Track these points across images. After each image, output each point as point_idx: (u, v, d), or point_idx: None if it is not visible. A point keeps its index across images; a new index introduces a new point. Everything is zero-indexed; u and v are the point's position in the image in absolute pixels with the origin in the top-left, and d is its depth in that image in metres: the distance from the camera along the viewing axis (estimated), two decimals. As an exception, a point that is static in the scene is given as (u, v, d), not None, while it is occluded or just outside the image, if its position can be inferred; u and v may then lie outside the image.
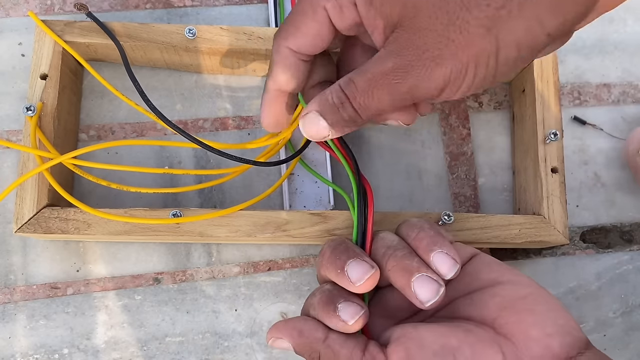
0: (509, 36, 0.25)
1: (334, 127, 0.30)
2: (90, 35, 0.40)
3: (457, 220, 0.39)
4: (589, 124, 0.46)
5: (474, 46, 0.26)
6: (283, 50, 0.30)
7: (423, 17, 0.26)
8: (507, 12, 0.25)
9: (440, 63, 0.26)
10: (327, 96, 0.29)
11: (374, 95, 0.28)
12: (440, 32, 0.26)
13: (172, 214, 0.37)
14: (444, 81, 0.27)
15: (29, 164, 0.38)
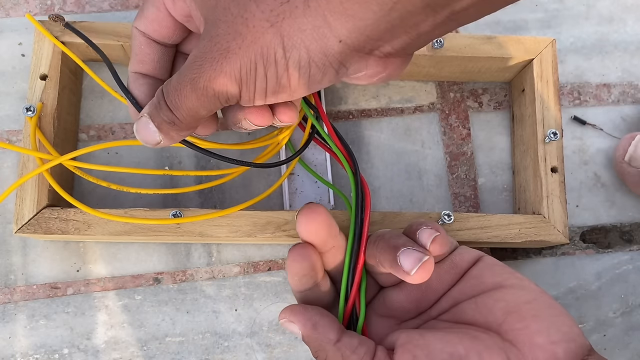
0: (295, 35, 0.25)
1: (161, 131, 0.29)
2: (89, 35, 0.39)
3: (457, 220, 0.39)
4: (589, 124, 0.46)
5: (258, 41, 0.25)
6: (134, 32, 0.32)
7: (219, 8, 0.26)
8: (291, 8, 0.24)
9: (228, 57, 0.26)
10: (154, 98, 0.29)
11: (182, 92, 0.27)
12: (230, 23, 0.25)
13: (172, 214, 0.37)
14: (236, 78, 0.26)
15: (28, 165, 0.38)
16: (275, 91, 0.27)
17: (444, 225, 0.38)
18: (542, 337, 0.28)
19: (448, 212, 0.38)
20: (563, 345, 0.28)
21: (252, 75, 0.26)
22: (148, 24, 0.31)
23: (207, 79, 0.26)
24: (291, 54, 0.25)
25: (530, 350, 0.28)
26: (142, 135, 0.29)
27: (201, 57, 0.26)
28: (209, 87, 0.26)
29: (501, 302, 0.30)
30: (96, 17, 0.45)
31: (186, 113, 0.28)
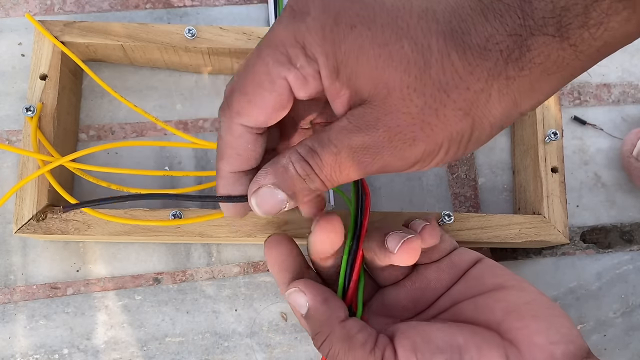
0: (485, 118, 0.25)
1: (294, 198, 0.27)
2: (89, 35, 0.40)
3: (457, 220, 0.39)
4: (589, 124, 0.46)
5: (449, 129, 0.25)
6: (237, 129, 0.27)
7: (396, 99, 0.24)
8: (486, 97, 0.24)
9: (413, 144, 0.25)
10: (286, 167, 0.27)
11: (342, 170, 0.26)
12: (414, 115, 0.24)
13: (172, 214, 0.37)
14: (415, 160, 0.26)
15: (28, 165, 0.38)
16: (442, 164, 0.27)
17: (444, 225, 0.38)
18: (541, 337, 0.28)
19: (448, 212, 0.38)
20: (561, 347, 0.28)
21: (432, 156, 0.26)
22: (263, 116, 0.26)
23: (381, 165, 0.26)
24: (476, 134, 0.25)
25: (529, 349, 0.28)
26: (265, 206, 0.27)
27: (378, 146, 0.25)
28: (381, 169, 0.26)
29: (501, 303, 0.30)
30: (96, 17, 0.45)
31: (338, 184, 0.27)
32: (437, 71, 0.24)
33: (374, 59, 0.24)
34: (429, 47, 0.24)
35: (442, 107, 0.24)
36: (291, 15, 0.25)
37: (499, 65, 0.24)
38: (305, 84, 0.25)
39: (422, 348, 0.28)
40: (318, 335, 0.29)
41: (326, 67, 0.25)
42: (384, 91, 0.24)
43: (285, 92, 0.26)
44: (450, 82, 0.24)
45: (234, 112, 0.27)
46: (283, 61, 0.25)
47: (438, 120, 0.24)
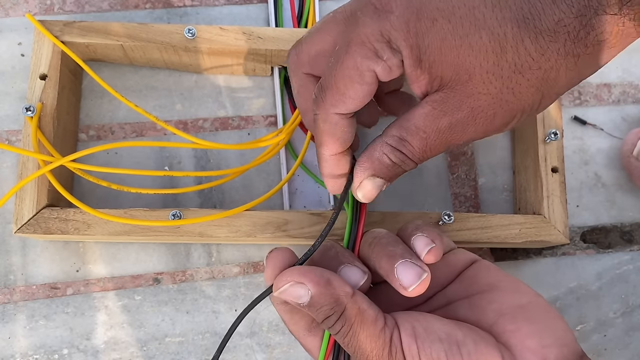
0: (552, 90, 0.28)
1: (391, 180, 0.32)
2: (89, 35, 0.40)
3: (457, 220, 0.39)
4: (589, 124, 0.46)
5: (523, 103, 0.28)
6: (332, 118, 0.30)
7: (477, 82, 0.27)
8: (555, 73, 0.27)
9: (494, 120, 0.28)
10: (381, 159, 0.30)
11: (432, 150, 0.29)
12: (494, 95, 0.27)
13: (172, 214, 0.37)
14: (494, 130, 0.29)
15: (28, 165, 0.37)
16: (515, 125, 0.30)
17: (444, 225, 0.38)
18: (534, 340, 0.28)
19: (448, 212, 0.38)
20: (554, 350, 0.28)
21: (506, 125, 0.29)
22: (356, 104, 0.30)
23: (467, 140, 0.29)
24: (544, 102, 0.29)
25: (522, 353, 0.28)
26: (371, 195, 0.32)
27: (463, 125, 0.28)
28: (466, 144, 0.30)
29: (494, 304, 0.30)
30: (96, 17, 0.45)
31: (426, 160, 0.31)
32: (513, 56, 0.26)
33: (455, 49, 0.27)
34: (505, 35, 0.26)
35: (518, 86, 0.27)
36: (375, 13, 0.28)
37: (567, 46, 0.26)
38: (390, 73, 0.28)
39: (422, 335, 0.28)
40: (330, 317, 0.28)
41: (410, 57, 0.28)
42: (465, 76, 0.27)
43: (374, 82, 0.29)
44: (524, 65, 0.27)
45: (328, 104, 0.30)
46: (370, 56, 0.28)
47: (514, 97, 0.27)
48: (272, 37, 0.41)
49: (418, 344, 0.27)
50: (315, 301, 0.28)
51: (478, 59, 0.27)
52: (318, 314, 0.29)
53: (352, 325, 0.28)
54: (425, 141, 0.29)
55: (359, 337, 0.28)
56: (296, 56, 0.33)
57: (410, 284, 0.29)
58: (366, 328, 0.28)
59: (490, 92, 0.27)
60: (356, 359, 0.29)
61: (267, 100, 0.44)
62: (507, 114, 0.28)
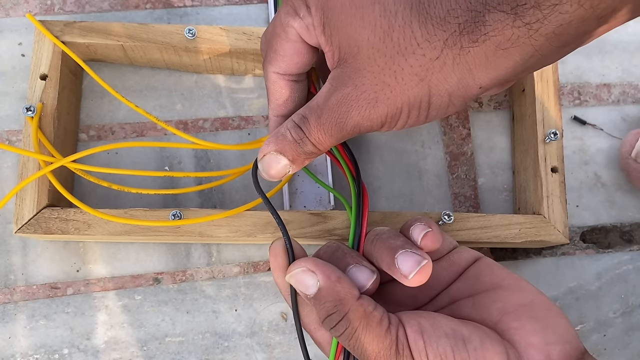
0: (441, 85, 0.27)
1: (294, 163, 0.31)
2: (89, 35, 0.40)
3: (457, 220, 0.39)
4: (589, 124, 0.46)
5: (407, 93, 0.27)
6: (271, 76, 0.32)
7: (363, 57, 0.27)
8: (440, 64, 0.26)
9: (376, 106, 0.28)
10: (284, 134, 0.30)
11: (326, 131, 0.29)
12: (376, 74, 0.27)
13: (172, 214, 0.37)
14: (382, 121, 0.29)
15: (29, 165, 0.38)
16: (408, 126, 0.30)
17: (444, 225, 0.38)
18: (538, 337, 0.28)
19: (448, 212, 0.38)
20: (558, 347, 0.28)
21: (395, 118, 0.29)
22: (289, 62, 0.31)
23: (354, 123, 0.29)
24: (435, 101, 0.28)
25: (526, 349, 0.28)
26: (270, 170, 0.31)
27: (347, 104, 0.28)
28: (354, 128, 0.29)
29: (498, 303, 0.30)
30: (96, 17, 0.45)
31: (329, 145, 0.30)
32: (399, 36, 0.26)
33: (350, 18, 0.27)
34: (395, 14, 0.26)
35: (400, 70, 0.27)
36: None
37: (454, 36, 0.26)
38: (307, 32, 0.29)
39: (428, 331, 0.28)
40: (333, 315, 0.28)
41: (316, 17, 0.29)
42: (355, 49, 0.27)
43: (297, 39, 0.30)
44: (408, 48, 0.26)
45: (266, 62, 0.31)
46: (291, 12, 0.29)
47: (396, 82, 0.27)
48: (272, 37, 0.41)
49: (425, 339, 0.27)
50: (321, 294, 0.28)
51: (367, 32, 0.27)
52: (321, 309, 0.28)
53: (357, 328, 0.28)
54: (319, 119, 0.29)
55: (364, 340, 0.27)
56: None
57: (409, 271, 0.29)
58: (372, 330, 0.28)
59: (373, 69, 0.27)
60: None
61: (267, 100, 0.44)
62: (390, 103, 0.28)
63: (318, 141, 0.30)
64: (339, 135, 0.30)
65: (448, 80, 0.27)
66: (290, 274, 0.30)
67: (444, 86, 0.27)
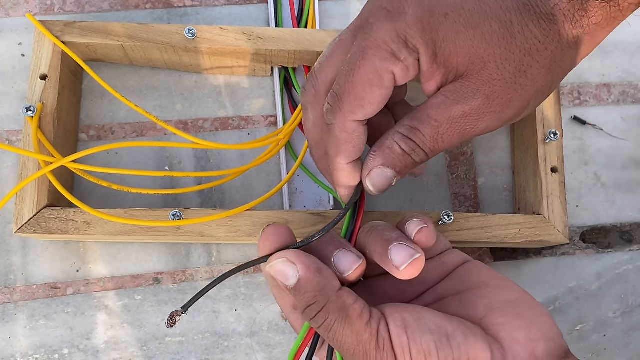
0: (561, 70, 0.30)
1: (401, 173, 0.31)
2: (89, 35, 0.40)
3: (457, 220, 0.39)
4: (589, 124, 0.46)
5: (537, 85, 0.29)
6: (350, 126, 0.30)
7: (491, 69, 0.28)
8: (561, 53, 0.29)
9: (510, 105, 0.29)
10: (391, 147, 0.31)
11: (445, 140, 0.30)
12: (508, 79, 0.29)
13: (172, 214, 0.37)
14: (511, 117, 0.30)
15: (29, 165, 0.38)
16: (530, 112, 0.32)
17: (444, 225, 0.38)
18: (523, 333, 0.28)
19: (448, 212, 0.38)
20: (542, 344, 0.28)
21: (523, 110, 0.30)
22: (374, 109, 0.30)
23: (483, 128, 0.30)
24: (555, 83, 0.30)
25: (511, 345, 0.28)
26: (380, 185, 0.31)
27: (477, 114, 0.29)
28: (482, 132, 0.30)
29: (484, 299, 0.30)
30: (96, 17, 0.45)
31: (439, 152, 0.31)
32: (522, 40, 0.28)
33: (469, 40, 0.28)
34: (511, 22, 0.28)
35: (529, 68, 0.29)
36: (387, 15, 0.29)
37: (567, 27, 0.28)
38: (407, 74, 0.29)
39: (412, 326, 0.28)
40: (312, 306, 0.28)
41: (426, 54, 0.29)
42: (480, 65, 0.29)
43: (392, 84, 0.30)
44: (532, 48, 0.28)
45: (346, 112, 0.30)
46: (388, 57, 0.29)
47: (527, 80, 0.29)
48: (272, 37, 0.41)
49: (408, 335, 0.27)
50: (301, 285, 0.28)
51: (491, 46, 0.28)
52: (301, 299, 0.29)
53: (336, 320, 0.28)
54: (437, 129, 0.30)
55: (343, 332, 0.28)
56: (313, 89, 0.32)
57: (401, 263, 0.29)
58: (351, 322, 0.28)
59: (504, 77, 0.29)
60: (342, 353, 0.28)
61: (267, 100, 0.44)
62: (522, 98, 0.29)
63: (432, 149, 0.30)
64: (460, 142, 0.31)
65: (566, 64, 0.30)
66: (270, 265, 0.30)
67: (563, 69, 0.30)
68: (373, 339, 0.27)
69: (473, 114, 0.29)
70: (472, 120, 0.29)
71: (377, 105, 0.30)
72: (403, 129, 0.30)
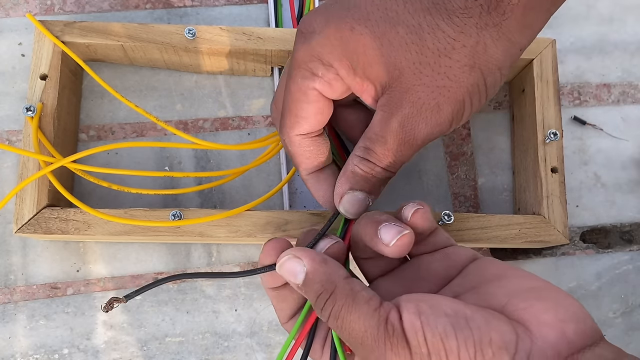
0: (490, 64, 0.29)
1: (372, 193, 0.32)
2: (89, 35, 0.40)
3: (457, 220, 0.39)
4: (589, 124, 0.46)
5: (464, 85, 0.28)
6: (295, 139, 0.32)
7: (408, 76, 0.28)
8: (482, 47, 0.28)
9: (440, 110, 0.29)
10: (354, 170, 0.31)
11: (396, 153, 0.30)
12: (428, 84, 0.28)
13: (172, 214, 0.37)
14: (449, 121, 0.30)
15: (29, 165, 0.38)
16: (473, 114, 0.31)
17: (444, 225, 0.38)
18: (550, 315, 0.26)
19: (448, 212, 0.38)
20: (572, 325, 0.26)
21: (460, 113, 0.30)
22: (311, 123, 0.31)
23: (424, 134, 0.30)
24: (490, 80, 0.29)
25: (538, 327, 0.26)
26: (352, 209, 0.32)
27: (410, 122, 0.29)
28: (425, 138, 0.30)
29: (504, 288, 0.28)
30: (96, 17, 0.45)
31: (400, 165, 0.31)
32: (433, 41, 0.28)
33: (378, 49, 0.28)
34: (419, 25, 0.28)
35: (449, 68, 0.28)
36: (302, 37, 0.30)
37: (483, 18, 0.27)
38: (330, 87, 0.30)
39: (426, 311, 0.26)
40: (321, 295, 0.28)
41: (342, 68, 0.29)
42: (396, 73, 0.28)
43: (319, 99, 0.31)
44: (447, 47, 0.28)
45: (288, 128, 0.32)
46: (307, 75, 0.30)
47: (451, 81, 0.28)
48: (272, 37, 0.41)
49: (422, 320, 0.26)
50: (309, 278, 0.29)
51: (401, 52, 0.28)
52: (311, 292, 0.28)
53: (344, 306, 0.27)
54: (385, 145, 0.30)
55: (350, 318, 0.27)
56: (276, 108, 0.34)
57: (390, 240, 0.29)
58: (358, 308, 0.27)
59: (424, 82, 0.28)
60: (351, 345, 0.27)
61: (267, 100, 0.44)
62: (452, 102, 0.29)
63: (390, 165, 0.31)
64: (410, 152, 0.31)
65: (495, 57, 0.28)
66: (279, 264, 0.30)
67: (493, 63, 0.29)
68: (381, 325, 0.26)
69: (407, 123, 0.29)
70: (409, 129, 0.30)
71: (312, 119, 0.31)
72: (359, 151, 0.31)
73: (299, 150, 0.33)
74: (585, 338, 0.26)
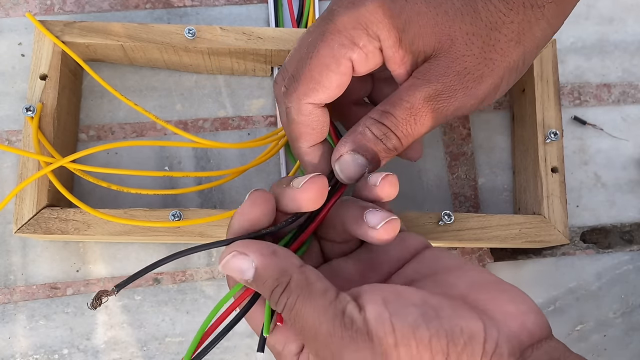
0: (532, 42, 0.30)
1: (373, 162, 0.30)
2: (89, 35, 0.40)
3: (457, 220, 0.39)
4: (589, 124, 0.46)
5: (508, 59, 0.30)
6: (306, 108, 0.30)
7: (459, 45, 0.29)
8: (528, 25, 0.29)
9: (482, 81, 0.30)
10: (363, 132, 0.30)
11: (417, 122, 0.30)
12: (477, 54, 0.29)
13: (172, 214, 0.37)
14: (484, 95, 0.30)
15: (29, 165, 0.38)
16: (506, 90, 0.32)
17: (444, 225, 0.38)
18: (512, 306, 0.26)
19: (448, 212, 0.38)
20: (532, 316, 0.26)
21: (496, 87, 0.31)
22: (330, 94, 0.30)
23: (457, 106, 0.30)
24: (528, 57, 0.31)
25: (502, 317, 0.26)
26: (348, 171, 0.30)
27: (450, 90, 0.29)
28: (456, 112, 0.30)
29: (464, 279, 0.28)
30: (96, 17, 0.45)
31: (415, 138, 0.31)
32: (486, 14, 0.29)
33: (433, 19, 0.29)
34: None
35: (498, 42, 0.29)
36: (351, 3, 0.29)
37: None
38: (366, 61, 0.30)
39: (393, 302, 0.25)
40: (275, 289, 0.26)
41: (389, 39, 0.29)
42: (448, 42, 0.29)
43: (349, 71, 0.30)
44: (498, 21, 0.29)
45: (301, 94, 0.30)
46: (347, 43, 0.29)
47: (497, 54, 0.29)
48: (272, 37, 0.41)
49: (390, 311, 0.25)
50: (260, 274, 0.26)
51: (456, 23, 0.29)
52: (264, 288, 0.27)
53: (298, 297, 0.25)
54: (410, 111, 0.30)
55: (304, 311, 0.25)
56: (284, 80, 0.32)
57: (377, 223, 0.28)
58: (313, 300, 0.25)
59: (473, 52, 0.29)
60: (305, 340, 0.26)
61: (267, 100, 0.44)
62: (493, 73, 0.30)
63: (406, 133, 0.30)
64: (434, 123, 0.30)
65: (536, 36, 0.30)
66: (223, 264, 0.27)
67: (534, 42, 0.30)
68: (337, 319, 0.24)
69: (446, 92, 0.29)
70: (444, 98, 0.29)
71: (332, 90, 0.30)
72: (375, 113, 0.30)
73: (306, 120, 0.31)
74: (542, 330, 0.27)
